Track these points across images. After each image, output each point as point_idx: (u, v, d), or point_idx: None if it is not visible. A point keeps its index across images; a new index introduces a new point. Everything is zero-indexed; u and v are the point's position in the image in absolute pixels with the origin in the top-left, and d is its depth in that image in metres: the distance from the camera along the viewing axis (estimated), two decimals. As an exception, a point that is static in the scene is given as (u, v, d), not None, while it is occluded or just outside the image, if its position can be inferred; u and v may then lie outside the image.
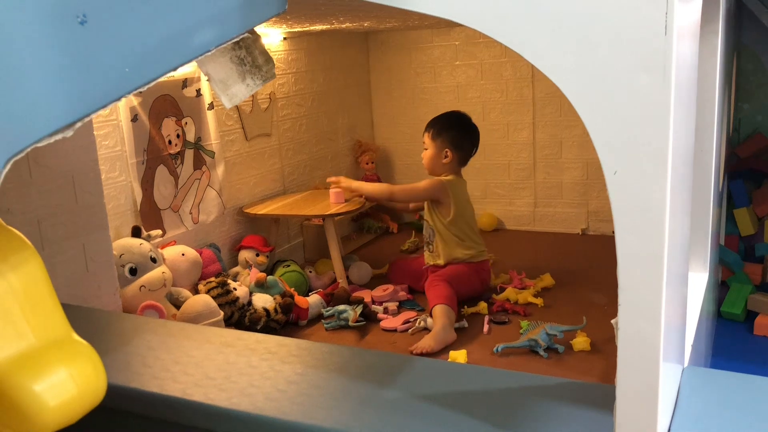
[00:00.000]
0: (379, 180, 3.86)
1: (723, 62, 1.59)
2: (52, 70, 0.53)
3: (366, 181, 3.80)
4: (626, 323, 0.73)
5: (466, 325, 2.46)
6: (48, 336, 0.64)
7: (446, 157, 2.75)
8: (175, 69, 0.69)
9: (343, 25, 2.87)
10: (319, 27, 2.83)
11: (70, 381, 0.62)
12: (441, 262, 2.74)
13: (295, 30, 2.98)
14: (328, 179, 2.97)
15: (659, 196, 0.67)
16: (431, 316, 2.42)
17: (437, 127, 2.78)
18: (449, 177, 2.76)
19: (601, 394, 0.99)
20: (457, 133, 2.77)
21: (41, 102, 0.52)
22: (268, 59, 0.88)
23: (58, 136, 0.55)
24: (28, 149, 0.52)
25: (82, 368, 0.64)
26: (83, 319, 1.48)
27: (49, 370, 0.62)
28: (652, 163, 0.67)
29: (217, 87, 0.84)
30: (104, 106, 0.60)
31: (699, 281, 1.55)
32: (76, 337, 0.67)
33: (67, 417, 0.64)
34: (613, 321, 0.75)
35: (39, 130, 0.53)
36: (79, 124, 0.57)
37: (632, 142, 0.67)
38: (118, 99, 0.61)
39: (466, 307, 2.57)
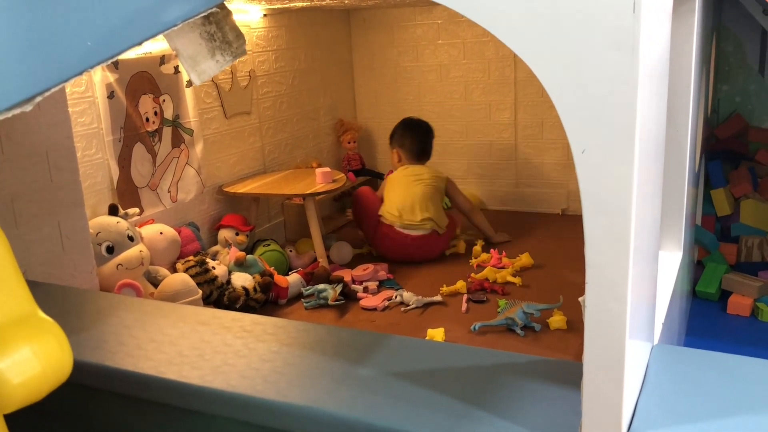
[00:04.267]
0: (362, 160, 3.85)
1: (700, 42, 1.59)
2: (8, 42, 0.52)
3: (348, 161, 3.79)
4: (593, 300, 0.73)
5: (440, 299, 2.50)
6: (11, 313, 0.63)
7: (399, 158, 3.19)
8: (140, 44, 0.68)
9: (324, 2, 2.84)
10: (299, 4, 2.80)
11: (34, 358, 0.62)
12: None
13: (276, 7, 2.94)
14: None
15: (626, 174, 0.68)
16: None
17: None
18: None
19: (571, 371, 1.01)
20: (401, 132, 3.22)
21: (-4, 75, 0.51)
22: (239, 35, 0.87)
23: (17, 111, 0.54)
24: (-15, 123, 0.51)
25: (47, 345, 0.64)
26: (58, 297, 1.47)
27: (12, 347, 0.61)
28: (619, 142, 0.67)
29: (186, 63, 0.83)
30: (65, 81, 0.58)
31: (673, 260, 1.56)
32: (41, 314, 0.67)
33: (32, 394, 0.63)
34: (580, 299, 0.76)
35: (-5, 103, 0.52)
36: (39, 99, 0.56)
37: (600, 120, 0.67)
38: (80, 73, 0.60)
39: (445, 286, 2.58)
